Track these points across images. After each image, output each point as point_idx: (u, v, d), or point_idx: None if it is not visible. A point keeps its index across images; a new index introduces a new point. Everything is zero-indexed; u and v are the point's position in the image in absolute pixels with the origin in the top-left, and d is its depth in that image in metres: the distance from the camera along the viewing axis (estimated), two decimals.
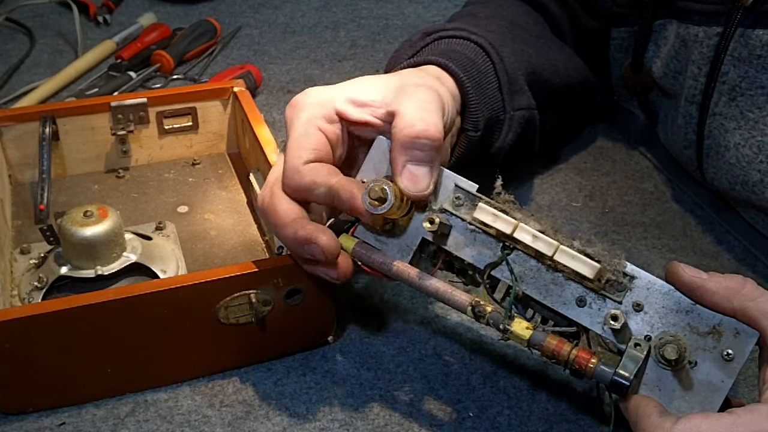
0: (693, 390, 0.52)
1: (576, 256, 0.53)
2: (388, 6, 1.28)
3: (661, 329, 0.53)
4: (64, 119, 0.80)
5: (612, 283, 0.54)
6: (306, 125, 0.58)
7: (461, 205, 0.57)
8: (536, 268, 0.55)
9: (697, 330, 0.52)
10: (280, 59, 1.12)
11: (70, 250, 0.67)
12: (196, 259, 0.73)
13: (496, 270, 0.56)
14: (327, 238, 0.56)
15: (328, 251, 0.56)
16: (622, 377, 0.52)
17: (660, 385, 0.53)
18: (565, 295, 0.55)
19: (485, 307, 0.55)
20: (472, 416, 0.62)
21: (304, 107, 0.59)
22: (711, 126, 0.75)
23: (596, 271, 0.53)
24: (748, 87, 0.71)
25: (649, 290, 0.53)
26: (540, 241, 0.53)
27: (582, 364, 0.53)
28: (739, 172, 0.73)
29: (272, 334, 0.64)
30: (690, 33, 0.75)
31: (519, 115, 0.73)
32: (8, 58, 1.11)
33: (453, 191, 0.57)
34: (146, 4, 1.27)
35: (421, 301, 0.71)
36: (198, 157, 0.86)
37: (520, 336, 0.54)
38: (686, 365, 0.52)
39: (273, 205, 0.58)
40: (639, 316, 0.53)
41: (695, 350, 0.52)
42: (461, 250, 0.57)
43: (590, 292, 0.54)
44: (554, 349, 0.53)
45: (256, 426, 0.60)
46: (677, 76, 0.78)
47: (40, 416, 0.61)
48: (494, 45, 0.72)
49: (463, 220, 0.56)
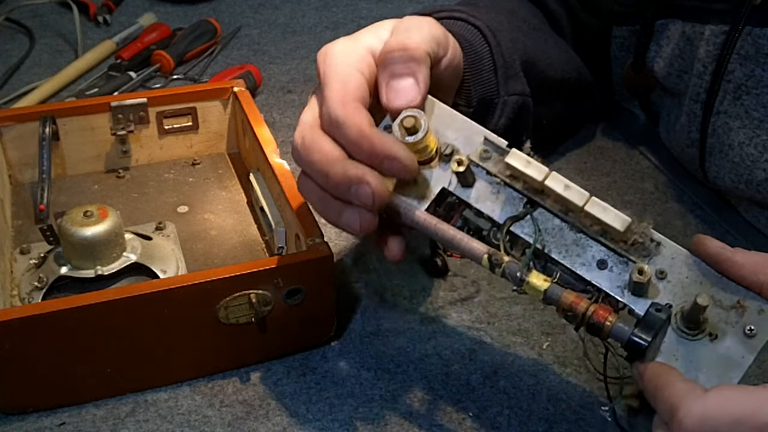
0: (712, 364, 0.50)
1: (608, 208, 0.51)
2: (388, 6, 1.28)
3: (683, 299, 0.51)
4: (64, 119, 0.80)
5: (638, 246, 0.52)
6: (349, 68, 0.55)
7: (488, 158, 0.55)
8: (559, 227, 0.54)
9: (720, 303, 0.51)
10: (280, 59, 1.12)
11: (70, 250, 0.67)
12: (196, 259, 0.73)
13: (516, 227, 0.54)
14: (378, 181, 0.53)
15: (378, 194, 0.53)
16: (640, 337, 0.50)
17: (678, 356, 0.51)
18: (586, 257, 0.53)
19: (502, 257, 0.53)
20: (472, 416, 0.62)
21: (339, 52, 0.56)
22: (715, 124, 0.75)
23: (627, 225, 0.51)
24: (753, 86, 0.71)
25: (674, 259, 0.52)
26: (572, 191, 0.52)
27: (600, 318, 0.51)
28: (744, 171, 0.73)
29: (272, 334, 0.64)
30: (696, 31, 0.75)
31: (513, 100, 0.72)
32: (8, 58, 1.11)
33: (481, 144, 0.56)
34: (146, 4, 1.27)
35: (422, 301, 0.71)
36: (198, 157, 0.86)
37: (536, 288, 0.52)
38: (707, 338, 0.51)
39: (315, 146, 0.54)
40: (661, 284, 0.52)
41: (717, 323, 0.51)
42: (482, 203, 0.55)
43: (612, 255, 0.53)
44: (572, 303, 0.51)
45: (256, 426, 0.60)
46: (681, 75, 0.78)
47: (40, 416, 0.61)
48: (492, 29, 0.72)
49: (489, 172, 0.55)
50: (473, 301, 0.71)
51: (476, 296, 0.72)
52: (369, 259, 0.76)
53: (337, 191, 0.55)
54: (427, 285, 0.73)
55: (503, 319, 0.70)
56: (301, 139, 0.56)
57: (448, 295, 0.72)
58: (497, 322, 0.69)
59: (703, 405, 0.45)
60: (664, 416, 0.47)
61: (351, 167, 0.53)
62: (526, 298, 0.71)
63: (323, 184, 0.55)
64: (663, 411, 0.47)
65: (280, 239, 0.70)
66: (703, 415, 0.45)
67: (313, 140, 0.55)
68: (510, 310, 0.71)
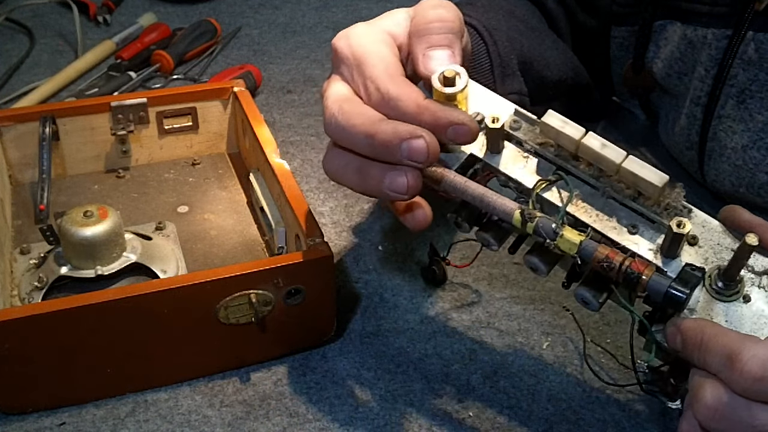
0: (747, 323, 0.50)
1: (645, 165, 0.51)
2: (388, 6, 1.27)
3: (715, 264, 0.51)
4: (64, 119, 0.80)
5: (670, 210, 0.52)
6: (379, 45, 0.55)
7: (518, 128, 0.55)
8: (590, 193, 0.53)
9: (752, 268, 0.51)
10: (280, 59, 1.12)
11: (70, 250, 0.67)
12: (196, 259, 0.73)
13: (545, 192, 0.53)
14: (431, 136, 0.52)
15: (432, 147, 0.51)
16: (677, 290, 0.49)
17: (713, 316, 0.51)
18: (617, 221, 0.53)
19: (535, 213, 0.52)
20: (472, 416, 0.62)
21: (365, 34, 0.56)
22: (716, 128, 0.75)
23: (665, 181, 0.50)
24: (758, 89, 0.71)
25: (705, 227, 0.52)
26: (609, 148, 0.51)
27: (638, 269, 0.50)
28: (745, 174, 0.73)
29: (272, 334, 0.64)
30: (698, 35, 0.75)
31: (510, 99, 0.73)
32: (8, 58, 1.11)
33: (511, 115, 0.56)
34: (146, 4, 1.27)
35: (422, 301, 0.71)
36: (198, 157, 0.86)
37: (571, 240, 0.51)
38: (741, 299, 0.51)
39: (355, 111, 0.53)
40: (693, 249, 0.52)
41: (750, 287, 0.51)
42: (511, 170, 0.55)
43: (643, 221, 0.52)
44: (608, 254, 0.51)
45: (256, 426, 0.60)
46: (682, 77, 0.78)
47: (40, 416, 0.61)
48: (488, 29, 0.72)
49: (519, 141, 0.55)
50: (473, 301, 0.71)
51: (476, 296, 0.72)
52: (369, 259, 0.76)
53: (384, 151, 0.53)
54: (427, 285, 0.73)
55: (503, 319, 0.70)
56: (339, 108, 0.54)
57: (448, 296, 0.72)
58: (497, 322, 0.69)
59: (766, 348, 0.45)
60: (718, 364, 0.47)
61: (400, 125, 0.52)
62: (526, 298, 0.71)
63: (367, 148, 0.53)
64: (717, 359, 0.47)
65: (280, 239, 0.70)
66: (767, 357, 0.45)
67: (353, 108, 0.54)
68: (510, 310, 0.71)
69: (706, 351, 0.48)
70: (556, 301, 0.71)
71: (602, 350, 0.67)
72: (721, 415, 0.46)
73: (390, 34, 0.57)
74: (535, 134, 0.55)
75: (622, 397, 0.63)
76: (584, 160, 0.53)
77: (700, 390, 0.47)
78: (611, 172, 0.52)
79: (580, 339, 0.67)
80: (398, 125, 0.52)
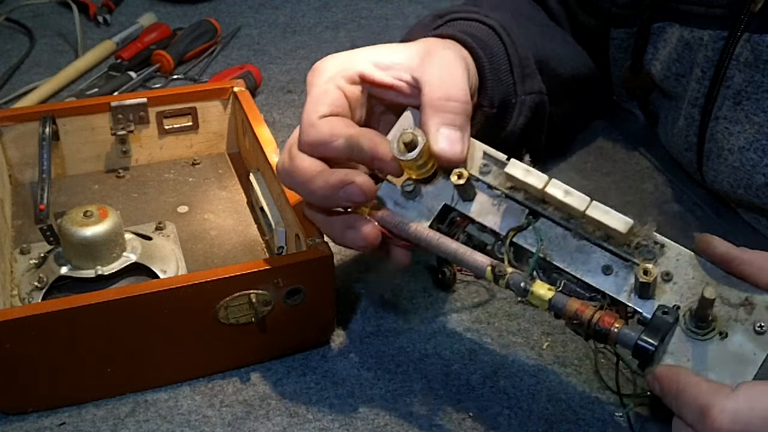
0: (724, 362, 0.50)
1: (609, 211, 0.51)
2: (388, 6, 1.28)
3: (690, 299, 0.51)
4: (64, 119, 0.80)
5: (641, 249, 0.52)
6: (325, 84, 0.58)
7: (488, 172, 0.56)
8: (562, 235, 0.54)
9: (728, 301, 0.51)
10: (280, 59, 1.12)
11: (70, 250, 0.67)
12: (196, 259, 0.73)
13: (519, 238, 0.54)
14: (362, 177, 0.54)
15: (367, 188, 0.54)
16: (646, 341, 0.50)
17: (689, 356, 0.51)
18: (590, 263, 0.53)
19: (506, 268, 0.53)
20: (472, 416, 0.62)
21: (325, 69, 0.59)
22: (713, 129, 0.74)
23: (629, 226, 0.51)
24: (754, 91, 0.71)
25: (679, 261, 0.52)
26: (572, 196, 0.52)
27: (606, 324, 0.51)
28: (743, 176, 0.72)
29: (272, 334, 0.64)
30: (695, 36, 0.75)
31: (530, 99, 0.72)
32: (8, 58, 1.11)
33: (480, 158, 0.56)
34: (146, 4, 1.27)
35: (421, 301, 0.71)
36: (198, 157, 0.86)
37: (541, 297, 0.52)
38: (717, 336, 0.50)
39: (294, 165, 0.57)
40: (668, 286, 0.52)
41: (727, 321, 0.51)
42: (485, 217, 0.56)
43: (617, 260, 0.53)
44: (577, 310, 0.51)
45: (256, 426, 0.60)
46: (679, 79, 0.78)
47: (40, 416, 0.61)
48: (505, 28, 0.71)
49: (490, 186, 0.56)
50: (473, 301, 0.71)
51: (476, 296, 0.72)
52: (369, 259, 0.76)
53: (327, 202, 0.57)
54: (427, 285, 0.73)
55: (503, 319, 0.70)
56: (282, 164, 0.58)
57: (448, 296, 0.72)
58: (497, 322, 0.69)
59: (736, 402, 0.46)
60: (692, 417, 0.47)
61: (329, 175, 0.55)
62: None
63: (314, 201, 0.58)
64: (690, 412, 0.47)
65: (280, 239, 0.70)
66: (737, 412, 0.45)
67: (292, 163, 0.57)
68: (510, 310, 0.71)
69: (680, 402, 0.48)
70: None
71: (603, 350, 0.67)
72: None
73: (375, 64, 0.59)
74: (504, 177, 0.55)
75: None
76: (552, 204, 0.54)
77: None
78: (578, 217, 0.53)
79: (580, 339, 0.67)
80: (329, 177, 0.55)
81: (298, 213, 0.66)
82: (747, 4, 0.69)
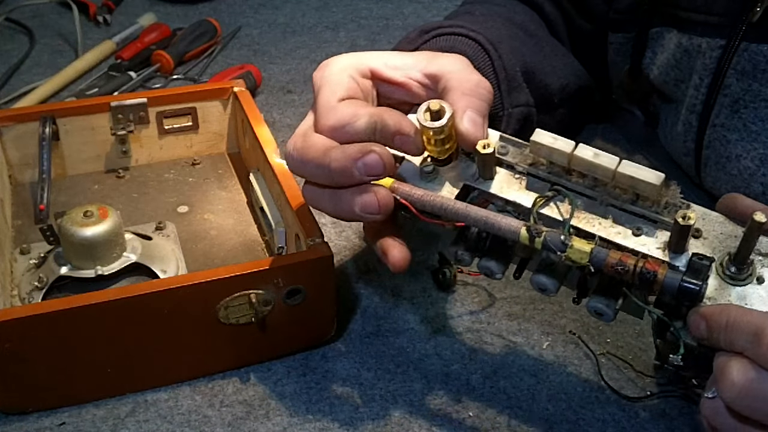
0: (764, 304, 0.51)
1: (641, 167, 0.52)
2: (388, 6, 1.28)
3: (721, 252, 0.52)
4: (64, 119, 0.80)
5: (670, 208, 0.53)
6: (339, 73, 0.58)
7: (506, 153, 0.56)
8: (588, 203, 0.54)
9: (759, 251, 0.52)
10: (280, 59, 1.12)
11: (70, 250, 0.67)
12: (196, 259, 0.73)
13: (544, 208, 0.54)
14: (382, 147, 0.54)
15: (387, 159, 0.54)
16: (691, 282, 0.50)
17: (731, 300, 0.51)
18: (619, 227, 0.53)
19: (541, 228, 0.52)
20: (472, 416, 0.62)
21: (336, 62, 0.59)
22: (711, 137, 0.74)
23: (662, 179, 0.51)
24: (751, 100, 0.70)
25: (705, 219, 0.53)
26: (602, 156, 0.52)
27: (653, 268, 0.50)
28: (741, 184, 0.72)
29: (272, 334, 0.64)
30: (693, 43, 0.75)
31: (517, 112, 0.73)
32: (8, 58, 1.11)
33: (498, 141, 0.57)
34: (146, 4, 1.27)
35: (421, 301, 0.71)
36: (198, 157, 0.86)
37: (581, 249, 0.51)
38: (755, 281, 0.51)
39: (309, 142, 0.56)
40: (699, 242, 0.53)
41: (760, 269, 0.51)
42: (506, 193, 0.56)
43: (645, 222, 0.53)
44: (621, 258, 0.51)
45: (256, 426, 0.60)
46: (678, 84, 0.78)
47: (40, 416, 0.61)
48: (492, 42, 0.72)
49: (510, 164, 0.56)
50: (473, 301, 0.71)
51: (476, 297, 0.72)
52: (369, 259, 0.76)
53: (343, 177, 0.55)
54: (427, 285, 0.73)
55: (503, 319, 0.70)
56: (293, 145, 0.57)
57: (448, 296, 0.72)
58: (497, 322, 0.69)
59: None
60: (744, 342, 0.47)
61: (348, 147, 0.54)
62: (526, 298, 0.71)
63: (327, 178, 0.56)
64: (742, 337, 0.47)
65: (280, 239, 0.70)
66: None
67: (305, 141, 0.56)
68: (510, 310, 0.71)
69: (731, 331, 0.48)
70: (556, 301, 0.71)
71: (603, 353, 0.67)
72: (748, 391, 0.46)
73: (385, 64, 0.59)
74: (524, 156, 0.56)
75: (622, 397, 0.63)
76: (577, 173, 0.54)
77: (726, 368, 0.47)
78: (607, 179, 0.53)
79: (580, 339, 0.67)
80: (347, 148, 0.54)
81: (298, 213, 0.66)
82: (745, 14, 0.69)
